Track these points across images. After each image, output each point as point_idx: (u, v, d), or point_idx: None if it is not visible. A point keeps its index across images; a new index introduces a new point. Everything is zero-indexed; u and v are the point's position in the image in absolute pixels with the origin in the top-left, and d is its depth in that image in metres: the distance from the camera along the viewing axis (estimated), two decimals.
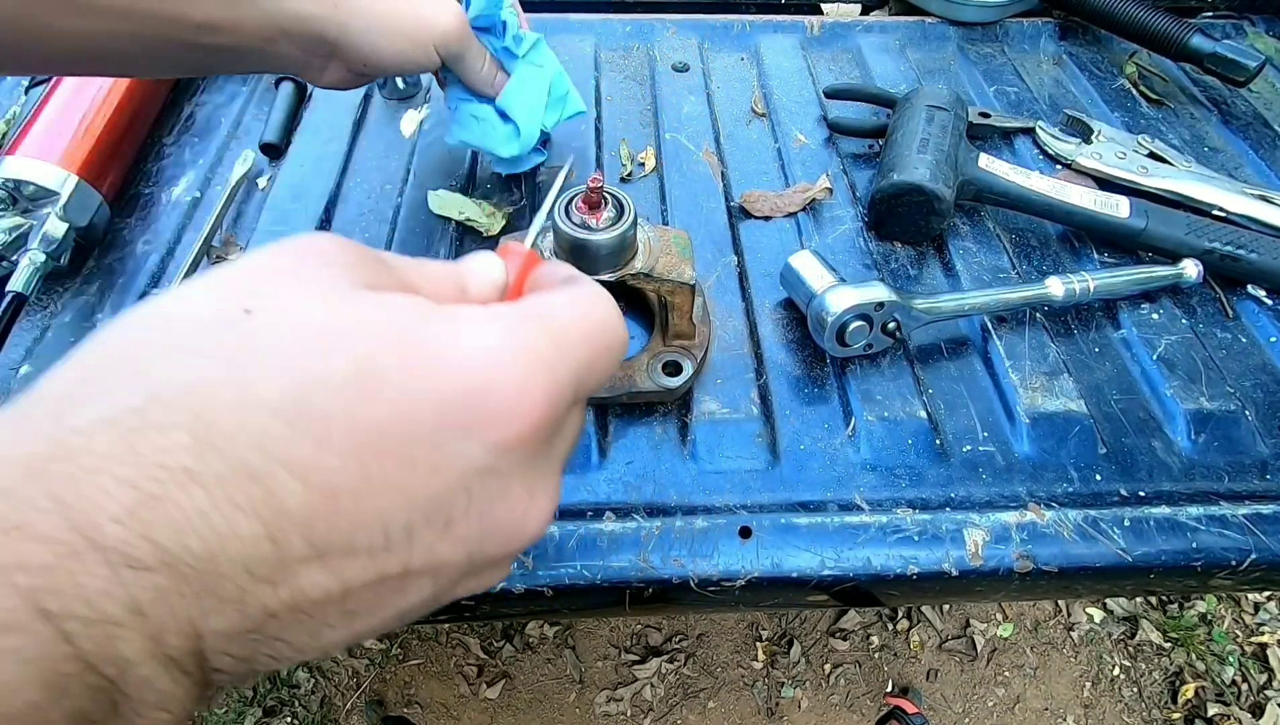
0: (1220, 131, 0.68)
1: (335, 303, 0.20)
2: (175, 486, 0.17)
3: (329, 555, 0.19)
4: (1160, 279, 0.53)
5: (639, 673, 1.28)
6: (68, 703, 0.16)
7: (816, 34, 0.76)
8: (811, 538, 0.41)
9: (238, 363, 0.18)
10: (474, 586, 0.24)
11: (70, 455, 0.17)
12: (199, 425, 0.17)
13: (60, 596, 0.16)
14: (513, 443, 0.21)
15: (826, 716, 1.27)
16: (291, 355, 0.19)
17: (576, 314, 0.23)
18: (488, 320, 0.21)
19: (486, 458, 0.21)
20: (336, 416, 0.18)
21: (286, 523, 0.18)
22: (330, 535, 0.19)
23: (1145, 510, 0.42)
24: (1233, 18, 0.80)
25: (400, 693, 1.26)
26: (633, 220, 0.43)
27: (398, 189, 0.60)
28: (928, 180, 0.53)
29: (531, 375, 0.21)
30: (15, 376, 0.47)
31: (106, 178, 0.56)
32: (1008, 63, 0.74)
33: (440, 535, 0.21)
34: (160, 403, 0.17)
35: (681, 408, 0.47)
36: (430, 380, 0.20)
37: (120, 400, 0.17)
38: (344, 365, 0.19)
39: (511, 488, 0.22)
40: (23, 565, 0.16)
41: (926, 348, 0.50)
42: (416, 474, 0.19)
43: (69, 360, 0.19)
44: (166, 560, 0.17)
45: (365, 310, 0.20)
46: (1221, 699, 1.28)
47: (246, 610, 0.18)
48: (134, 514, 0.16)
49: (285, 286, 0.20)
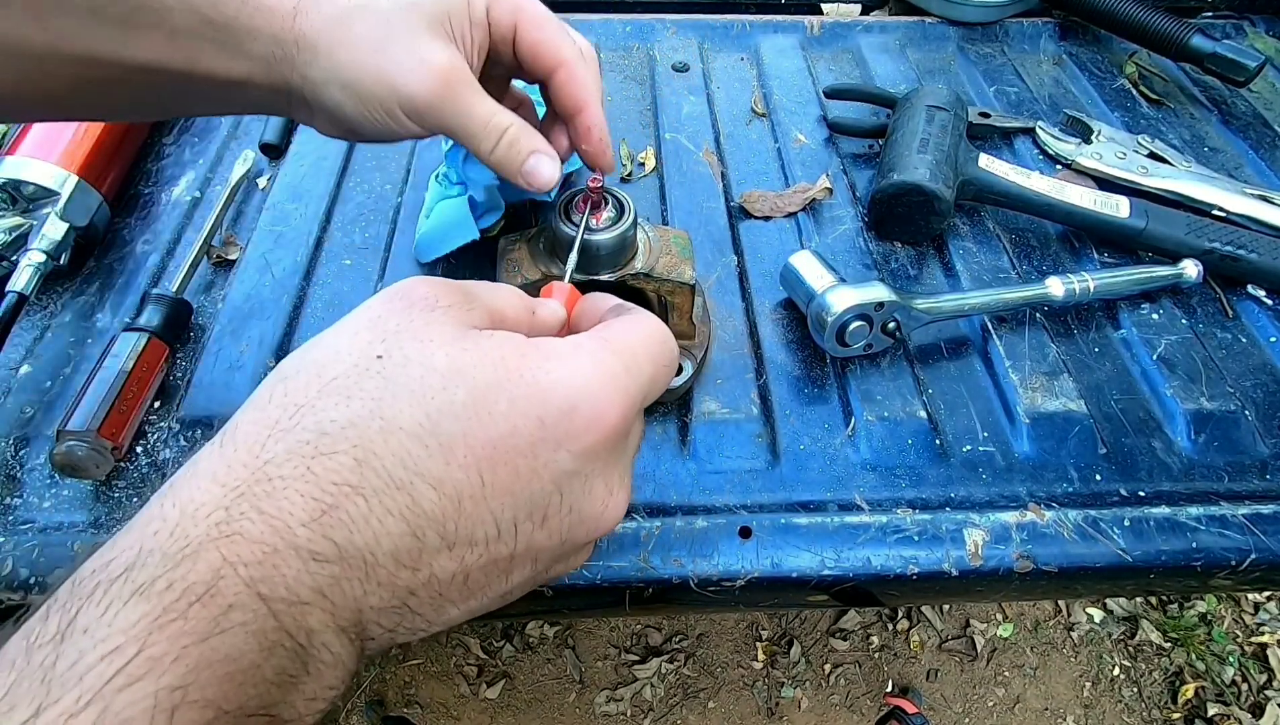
0: (1220, 131, 0.68)
1: (449, 346, 0.25)
2: (343, 498, 0.23)
3: (456, 545, 0.24)
4: (1160, 279, 0.53)
5: (639, 673, 1.28)
6: (274, 661, 0.21)
7: (816, 34, 0.76)
8: (811, 538, 0.41)
9: (381, 401, 0.24)
10: (562, 570, 0.29)
11: (267, 479, 0.22)
12: (358, 451, 0.23)
13: (269, 583, 0.21)
14: (595, 449, 0.26)
15: (826, 716, 1.27)
16: (421, 392, 0.24)
17: (640, 338, 0.28)
18: (572, 351, 0.27)
19: (574, 463, 0.26)
20: (459, 437, 0.24)
21: (424, 522, 0.24)
22: (457, 531, 0.24)
23: (1145, 510, 0.42)
24: (1233, 18, 0.80)
25: (400, 693, 1.26)
26: (633, 220, 0.43)
27: (398, 189, 0.60)
28: (928, 180, 0.53)
29: (609, 396, 0.26)
30: (15, 376, 0.47)
31: (106, 177, 0.56)
32: (1008, 63, 0.74)
33: (539, 526, 0.26)
34: (327, 436, 0.23)
35: (681, 408, 0.47)
36: (529, 403, 0.25)
37: (297, 436, 0.23)
38: (463, 396, 0.24)
39: (594, 486, 0.27)
40: (244, 561, 0.21)
41: (926, 348, 0.50)
42: (519, 479, 0.25)
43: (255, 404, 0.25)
44: (341, 554, 0.22)
45: (474, 351, 0.25)
46: (1221, 699, 1.28)
47: (395, 590, 0.24)
48: (317, 520, 0.22)
49: (407, 333, 0.25)
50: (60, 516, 0.41)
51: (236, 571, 0.21)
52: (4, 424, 0.45)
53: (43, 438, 0.44)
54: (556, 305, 0.32)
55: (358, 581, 0.23)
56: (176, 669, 0.19)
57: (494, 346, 0.26)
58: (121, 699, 0.18)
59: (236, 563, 0.21)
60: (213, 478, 0.23)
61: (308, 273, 0.54)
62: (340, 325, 0.27)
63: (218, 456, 0.23)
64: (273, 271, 0.54)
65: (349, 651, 0.24)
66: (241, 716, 0.21)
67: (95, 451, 0.40)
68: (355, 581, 0.23)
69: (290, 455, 0.23)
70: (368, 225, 0.57)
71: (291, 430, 0.23)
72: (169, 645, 0.19)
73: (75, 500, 0.42)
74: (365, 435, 0.23)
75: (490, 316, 0.28)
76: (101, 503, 0.42)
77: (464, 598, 0.26)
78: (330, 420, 0.23)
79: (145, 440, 0.44)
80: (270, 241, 0.55)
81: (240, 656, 0.20)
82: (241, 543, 0.21)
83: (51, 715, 0.18)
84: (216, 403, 0.46)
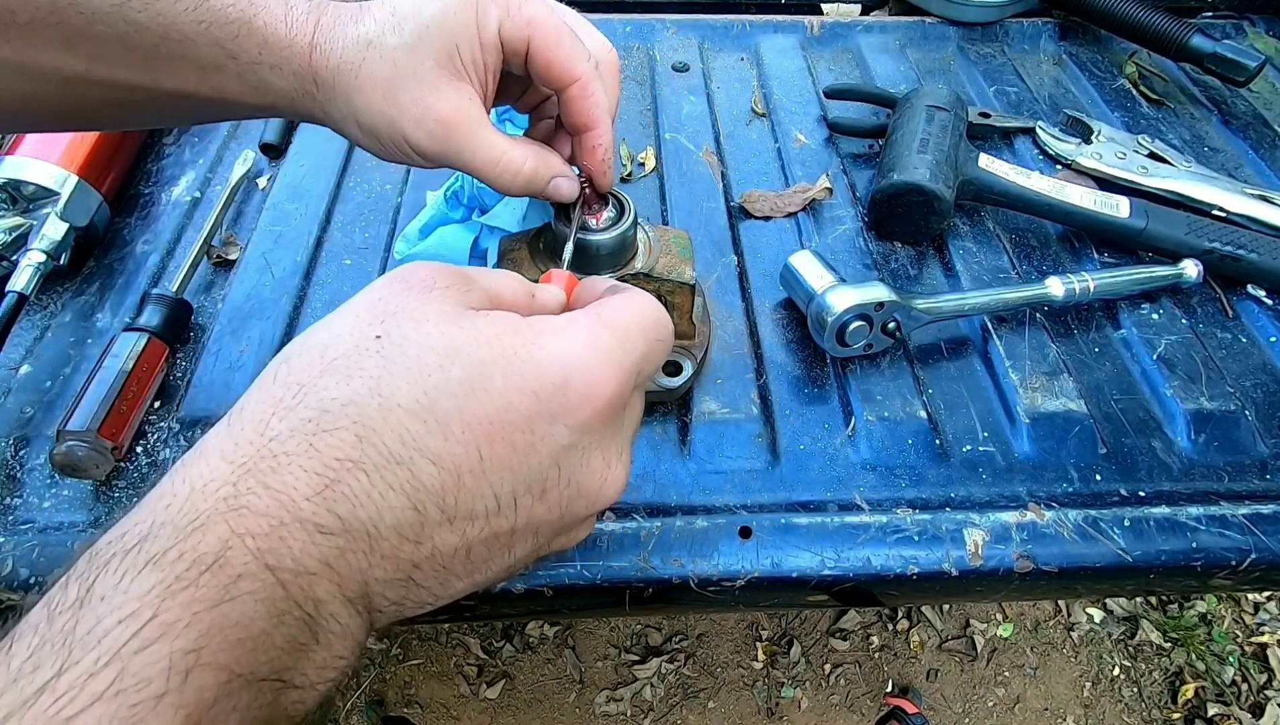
0: (1220, 131, 0.68)
1: (445, 325, 0.26)
2: (346, 472, 0.23)
3: (457, 519, 0.25)
4: (1160, 279, 0.53)
5: (639, 673, 1.28)
6: (284, 629, 0.22)
7: (816, 34, 0.76)
8: (811, 538, 0.41)
9: (380, 379, 0.24)
10: (565, 543, 0.30)
11: (272, 456, 0.23)
12: (359, 428, 0.24)
13: (276, 554, 0.22)
14: (590, 422, 0.26)
15: (826, 716, 1.27)
16: (418, 370, 0.25)
17: (633, 313, 0.29)
18: (565, 326, 0.27)
19: (571, 437, 0.26)
20: (456, 413, 0.24)
21: (425, 496, 0.24)
22: (457, 504, 0.25)
23: (1145, 510, 0.42)
24: (1233, 18, 0.80)
25: (400, 693, 1.26)
26: (633, 220, 0.43)
27: (398, 189, 0.60)
28: (928, 180, 0.53)
29: (602, 368, 0.26)
30: (15, 376, 0.47)
31: (106, 177, 0.56)
32: (1008, 63, 0.74)
33: (538, 499, 0.27)
34: (329, 414, 0.24)
35: (681, 408, 0.47)
36: (523, 379, 0.25)
37: (300, 414, 0.24)
38: (459, 373, 0.25)
39: (592, 459, 0.27)
40: (251, 533, 0.22)
41: (926, 348, 0.50)
42: (517, 453, 0.25)
43: (260, 385, 0.25)
44: (345, 527, 0.23)
45: (469, 329, 0.26)
46: (1221, 699, 1.28)
47: (399, 563, 0.25)
48: (320, 494, 0.23)
49: (405, 314, 0.26)
50: (60, 516, 0.41)
51: (244, 543, 0.22)
52: (4, 424, 0.45)
53: (43, 438, 0.44)
54: (556, 289, 0.33)
55: (362, 554, 0.24)
56: (189, 634, 0.20)
57: (489, 325, 0.26)
58: (138, 660, 0.19)
59: (244, 534, 0.22)
60: (221, 455, 0.24)
61: (308, 273, 0.54)
62: (342, 309, 0.27)
63: (225, 435, 0.24)
64: (273, 271, 0.54)
65: (357, 623, 0.24)
66: (254, 681, 0.22)
67: (95, 451, 0.40)
68: (360, 554, 0.24)
69: (294, 432, 0.24)
70: (368, 225, 0.57)
71: (295, 408, 0.24)
72: (181, 611, 0.20)
73: (75, 500, 0.42)
74: (365, 412, 0.24)
75: (489, 298, 0.29)
76: (101, 503, 0.42)
77: (468, 571, 0.27)
78: (331, 398, 0.24)
79: (145, 440, 0.44)
80: (270, 241, 0.55)
81: (250, 623, 0.21)
82: (249, 516, 0.22)
83: (73, 675, 0.19)
84: (216, 403, 0.46)
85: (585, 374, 0.26)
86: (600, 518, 0.41)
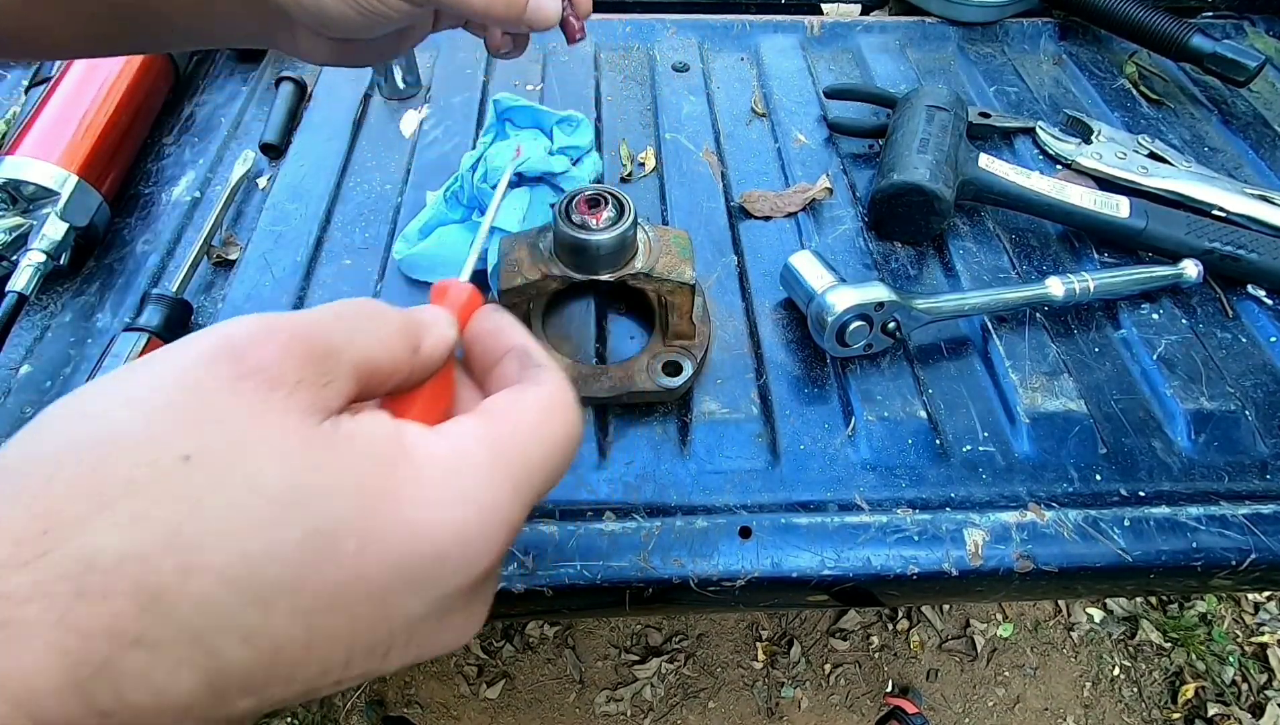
0: (1220, 131, 0.68)
1: (287, 456, 0.19)
2: (118, 651, 0.17)
3: (266, 689, 0.19)
4: (1160, 279, 0.53)
5: (639, 673, 1.28)
6: None
7: (816, 34, 0.76)
8: (811, 538, 0.41)
9: (180, 530, 0.17)
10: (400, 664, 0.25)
11: (4, 624, 0.16)
12: (142, 595, 0.17)
13: None
14: (461, 592, 0.21)
15: (826, 716, 1.27)
16: (240, 523, 0.18)
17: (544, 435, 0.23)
18: (452, 475, 0.21)
19: (430, 608, 0.21)
20: (286, 585, 0.18)
21: (226, 678, 0.18)
22: (268, 680, 0.19)
23: (1145, 510, 0.42)
24: (1233, 18, 0.80)
25: (400, 693, 1.26)
26: (632, 220, 0.43)
27: (398, 189, 0.60)
28: (928, 180, 0.53)
29: (491, 535, 0.21)
30: (15, 376, 0.47)
31: (106, 178, 0.56)
32: (1008, 63, 0.74)
33: (378, 662, 0.21)
34: (99, 571, 0.17)
35: (681, 408, 0.47)
36: (385, 549, 0.20)
37: (51, 567, 0.16)
38: (299, 535, 0.18)
39: (453, 620, 0.22)
40: None
41: (926, 348, 0.50)
42: (359, 625, 0.20)
43: None
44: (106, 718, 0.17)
45: (323, 472, 0.19)
46: (1221, 699, 1.28)
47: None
48: (74, 685, 0.16)
49: (231, 425, 0.19)
50: None
51: None
52: (4, 424, 0.45)
53: None
54: (444, 328, 0.25)
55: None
56: None
57: (352, 461, 0.20)
58: None
59: None
60: None
61: (308, 273, 0.54)
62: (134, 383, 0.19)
63: None
64: (273, 271, 0.54)
65: None
66: None
67: None
68: None
69: (39, 592, 0.16)
70: (368, 225, 0.57)
71: (44, 555, 0.16)
72: None
73: None
74: (153, 574, 0.17)
75: (357, 380, 0.22)
76: None
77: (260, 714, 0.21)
78: (101, 548, 0.17)
79: None
80: (270, 241, 0.55)
81: None
82: None
83: None
84: None
85: (468, 547, 0.21)
86: (601, 517, 0.41)
